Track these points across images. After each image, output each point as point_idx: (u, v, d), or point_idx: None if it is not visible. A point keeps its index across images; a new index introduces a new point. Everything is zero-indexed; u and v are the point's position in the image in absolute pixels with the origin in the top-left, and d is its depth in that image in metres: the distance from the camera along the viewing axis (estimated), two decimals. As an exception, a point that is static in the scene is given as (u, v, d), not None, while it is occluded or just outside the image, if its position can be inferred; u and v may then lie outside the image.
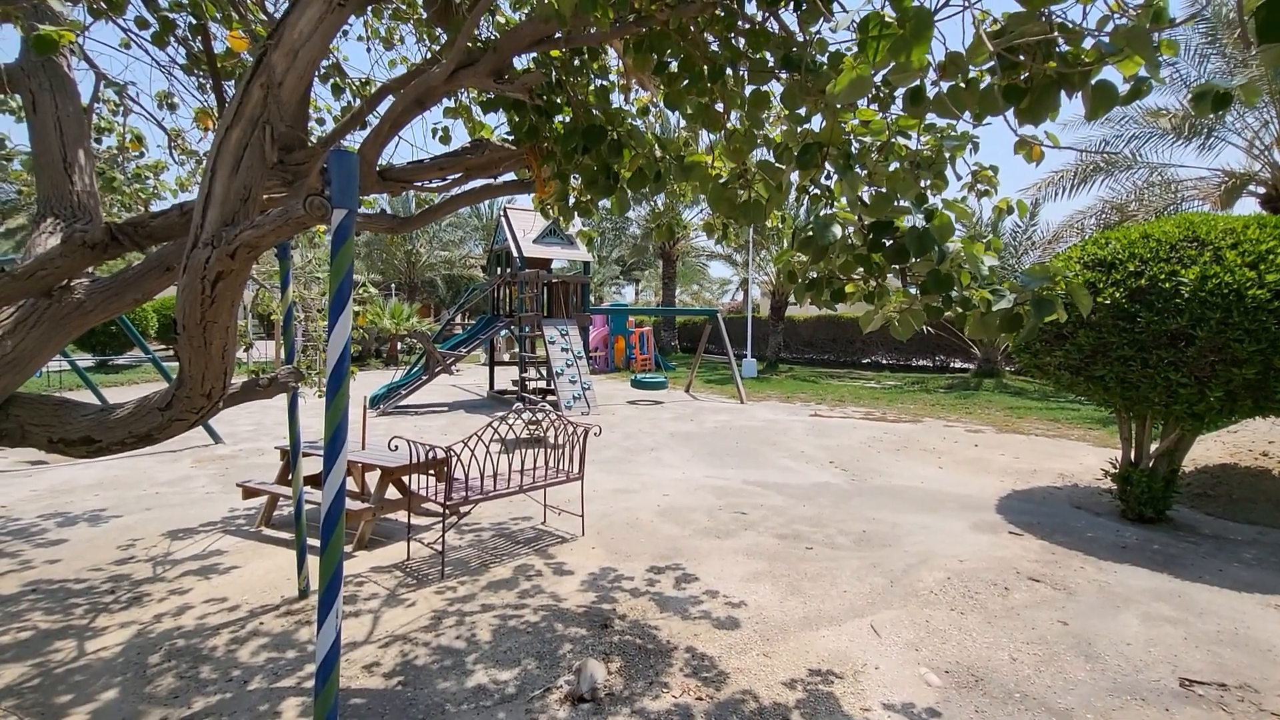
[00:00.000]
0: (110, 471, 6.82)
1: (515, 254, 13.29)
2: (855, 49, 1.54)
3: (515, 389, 13.57)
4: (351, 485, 5.45)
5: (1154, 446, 5.24)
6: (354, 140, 3.42)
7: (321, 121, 4.12)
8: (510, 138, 2.90)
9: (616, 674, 2.91)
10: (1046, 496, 6.03)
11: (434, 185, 2.77)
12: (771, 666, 3.01)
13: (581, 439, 4.84)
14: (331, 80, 3.67)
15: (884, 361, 21.40)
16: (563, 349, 12.16)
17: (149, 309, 20.11)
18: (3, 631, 3.30)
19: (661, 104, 2.48)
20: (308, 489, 4.59)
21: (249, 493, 5.05)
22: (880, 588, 3.90)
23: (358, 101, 3.81)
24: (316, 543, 4.28)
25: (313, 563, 3.86)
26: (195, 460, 7.44)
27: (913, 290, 2.45)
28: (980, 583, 3.98)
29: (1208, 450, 6.35)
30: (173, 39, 3.57)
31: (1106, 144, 12.34)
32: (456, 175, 2.68)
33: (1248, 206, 12.14)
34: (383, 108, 2.57)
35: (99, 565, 4.21)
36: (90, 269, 2.32)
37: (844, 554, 4.48)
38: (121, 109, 4.45)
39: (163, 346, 21.39)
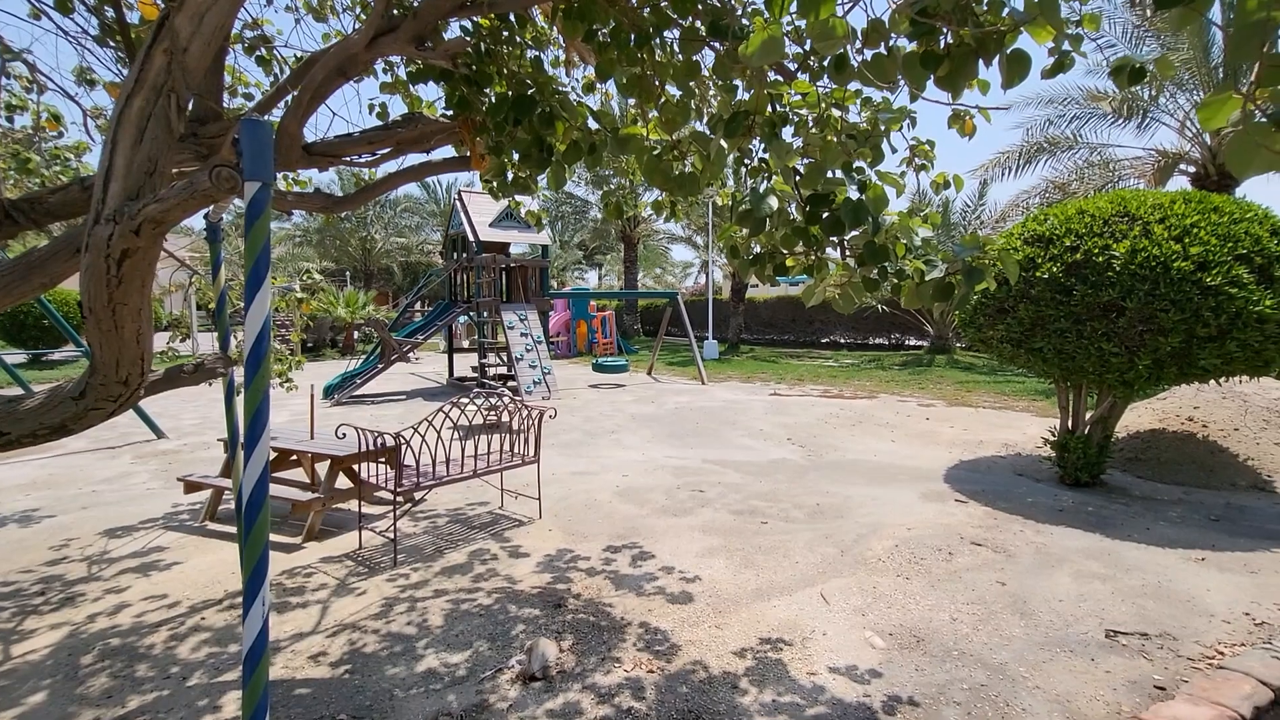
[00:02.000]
0: (44, 470, 6.49)
1: (472, 238, 13.03)
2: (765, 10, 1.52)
3: (475, 375, 13.38)
4: (301, 476, 5.31)
5: (1089, 414, 5.48)
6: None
7: (250, 98, 3.92)
8: (449, 112, 2.81)
9: (569, 651, 2.92)
10: (991, 465, 6.26)
11: (364, 160, 2.68)
12: (723, 637, 3.06)
13: (537, 422, 4.81)
14: (258, 52, 3.49)
15: (842, 340, 21.84)
16: (522, 334, 12.02)
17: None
18: (-81, 640, 3.12)
19: (597, 78, 2.43)
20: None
21: (191, 487, 4.87)
22: (831, 558, 4.00)
23: (286, 76, 3.64)
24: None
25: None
26: (135, 456, 7.14)
27: (851, 263, 2.48)
28: (926, 549, 4.11)
29: (1139, 417, 6.67)
30: (82, 7, 3.35)
31: (1050, 124, 12.72)
32: (387, 150, 2.59)
33: (1180, 185, 12.70)
34: (306, 79, 2.45)
35: (28, 567, 4.01)
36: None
37: (798, 527, 4.57)
38: (35, 86, 4.17)
39: (101, 340, 20.32)
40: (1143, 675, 2.73)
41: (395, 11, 2.12)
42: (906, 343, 20.12)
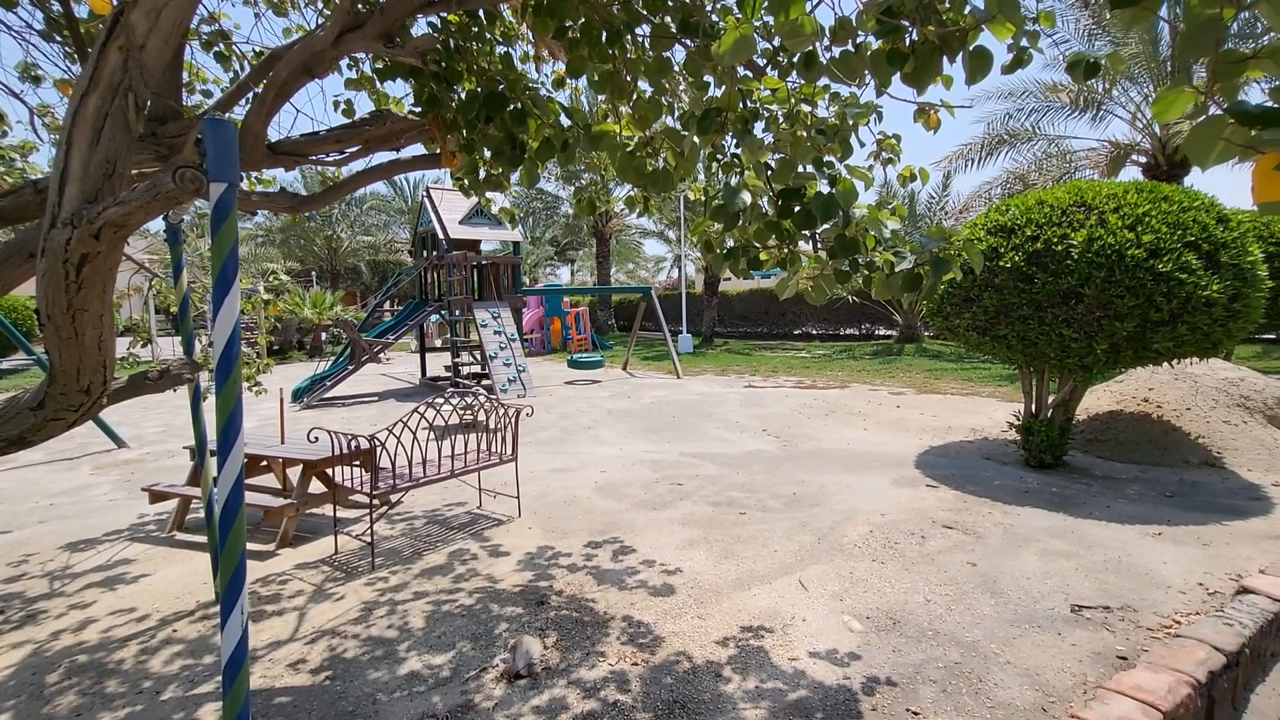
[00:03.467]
0: (-5, 485, 6.23)
1: (441, 236, 12.85)
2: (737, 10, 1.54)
3: (449, 375, 13.23)
4: (273, 481, 5.20)
5: (1051, 399, 5.66)
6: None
7: (209, 94, 3.81)
8: (418, 110, 2.77)
9: (553, 648, 2.93)
10: (960, 450, 6.43)
11: (332, 159, 2.62)
12: (705, 627, 3.10)
13: (514, 420, 4.78)
14: (216, 48, 3.39)
15: (814, 332, 22.13)
16: (495, 332, 11.91)
17: (32, 307, 18.31)
18: None
19: (567, 75, 2.43)
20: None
21: (157, 496, 4.73)
22: (808, 545, 4.08)
23: (248, 73, 3.54)
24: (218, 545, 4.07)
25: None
26: (95, 467, 6.89)
27: (823, 255, 2.53)
28: (900, 533, 4.22)
29: (1098, 400, 6.92)
30: (26, 0, 3.22)
31: (1010, 117, 13.05)
32: (355, 148, 2.55)
33: (1132, 174, 13.16)
34: (271, 76, 2.39)
35: (-16, 585, 3.86)
36: (-66, 257, 2.08)
37: (775, 516, 4.64)
38: (-25, 82, 3.98)
39: (54, 348, 19.55)
40: (1106, 646, 2.84)
41: (361, 7, 2.09)
42: (876, 332, 20.49)
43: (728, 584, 3.56)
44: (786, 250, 2.59)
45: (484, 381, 12.02)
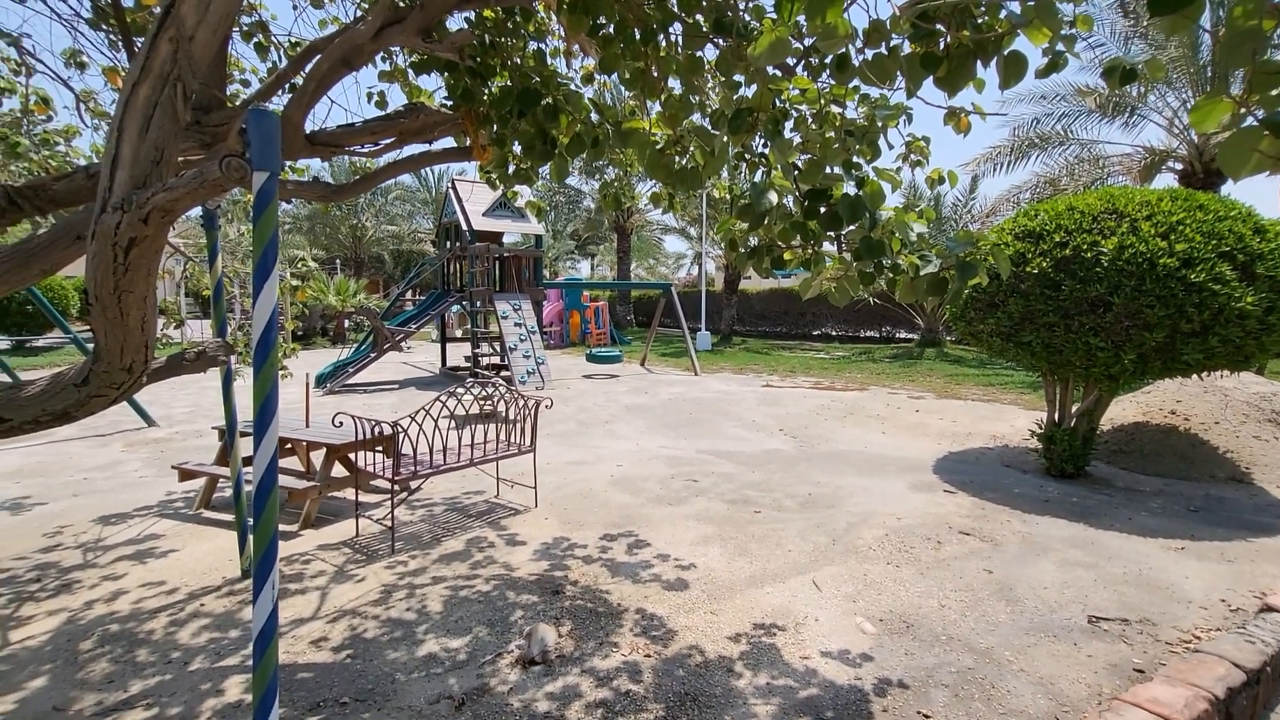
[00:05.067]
0: (32, 458, 6.44)
1: (465, 227, 12.98)
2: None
3: (468, 365, 13.37)
4: (297, 464, 5.32)
5: (1075, 408, 5.58)
6: (282, 104, 3.27)
7: (247, 84, 3.90)
8: (449, 102, 2.82)
9: (567, 636, 2.97)
10: (980, 457, 6.37)
11: (366, 150, 2.68)
12: (718, 623, 3.13)
13: (533, 411, 4.84)
14: (256, 39, 3.47)
15: (833, 333, 21.97)
16: (516, 324, 12.01)
17: (69, 287, 18.84)
18: (-84, 625, 3.13)
19: (599, 71, 2.45)
20: (247, 470, 4.45)
21: (186, 475, 4.87)
22: (823, 546, 4.08)
23: (286, 64, 3.62)
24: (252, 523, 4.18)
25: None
26: (126, 444, 7.10)
27: (847, 257, 2.53)
28: (915, 538, 4.20)
29: (1124, 410, 6.80)
30: (75, -10, 3.32)
31: (1039, 121, 12.81)
32: (390, 140, 2.60)
33: (1167, 182, 12.84)
34: (310, 68, 2.45)
35: (23, 554, 4.01)
36: (-11, 237, 2.17)
37: (790, 516, 4.65)
38: (23, 68, 4.11)
39: (85, 327, 20.12)
40: (1123, 659, 2.82)
41: (401, 3, 2.13)
42: (897, 336, 20.28)
43: (741, 581, 3.58)
44: (811, 250, 2.59)
45: (503, 373, 12.13)
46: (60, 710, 2.48)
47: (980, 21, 1.64)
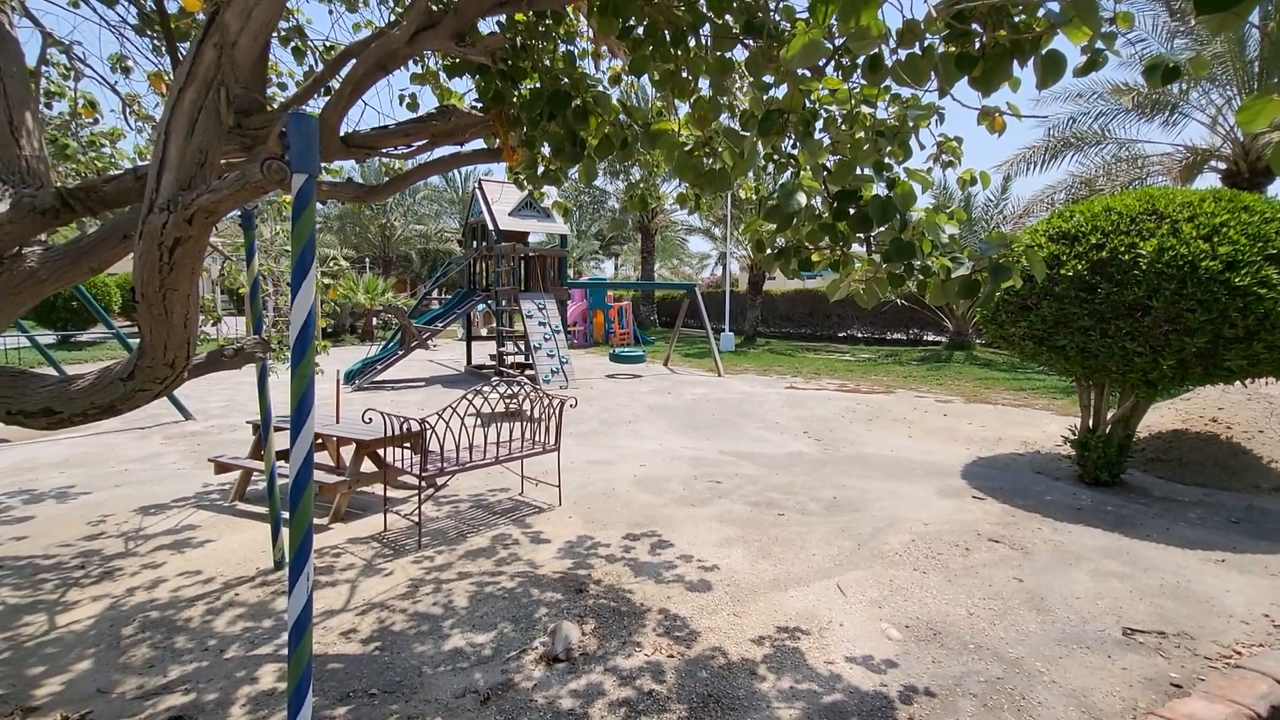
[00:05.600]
0: (76, 449, 6.69)
1: (491, 227, 13.12)
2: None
3: (493, 364, 13.51)
4: (327, 459, 5.44)
5: (1111, 414, 5.44)
6: (317, 106, 3.34)
7: (284, 87, 4.00)
8: (479, 104, 2.86)
9: (591, 635, 2.99)
10: (1010, 463, 6.24)
11: (399, 152, 2.73)
12: (741, 625, 3.12)
13: (557, 410, 4.88)
14: (293, 43, 3.56)
15: (859, 335, 21.70)
16: (540, 323, 12.11)
17: (111, 284, 19.51)
18: (-30, 607, 3.27)
19: (629, 73, 2.47)
20: (280, 463, 4.56)
21: (221, 468, 5.01)
22: (848, 550, 4.04)
23: (321, 67, 3.71)
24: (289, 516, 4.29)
25: (288, 536, 3.86)
26: (165, 437, 7.33)
27: (876, 258, 2.50)
28: (943, 544, 4.13)
29: (1161, 417, 6.60)
30: (123, -2, 3.44)
31: (1074, 120, 12.50)
32: (422, 142, 2.64)
33: (1209, 182, 12.42)
34: (346, 72, 2.51)
35: (68, 541, 4.16)
36: (43, 236, 2.26)
37: (814, 519, 4.61)
38: (72, 73, 4.27)
39: (127, 322, 20.80)
40: (1159, 673, 2.74)
41: (435, 7, 2.17)
42: (925, 338, 19.95)
43: (764, 584, 3.57)
44: (839, 252, 2.57)
45: (527, 371, 12.23)
46: (104, 693, 2.57)
47: (1017, 20, 1.61)
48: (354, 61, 2.40)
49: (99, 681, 2.65)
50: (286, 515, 4.28)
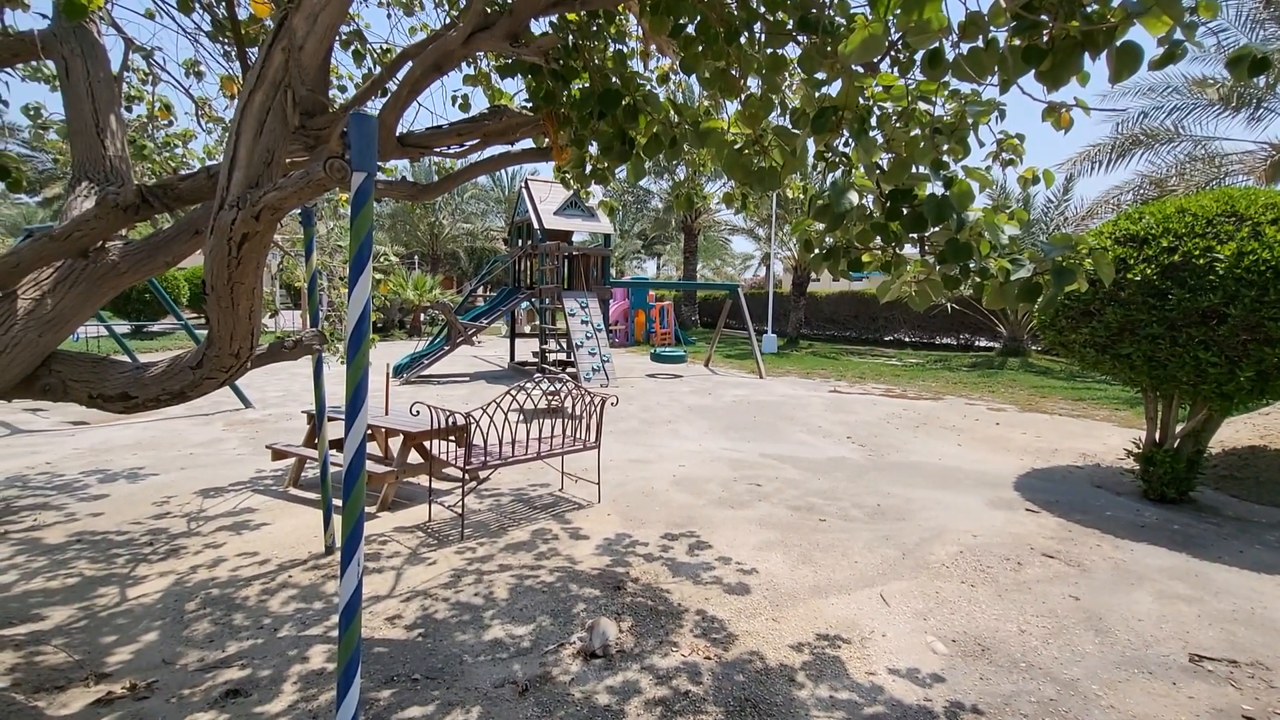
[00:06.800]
0: (147, 433, 7.09)
1: (536, 226, 13.30)
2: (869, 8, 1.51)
3: (536, 361, 13.69)
4: (376, 450, 5.61)
5: (1180, 427, 5.14)
6: (375, 107, 3.45)
7: (343, 89, 4.15)
8: (529, 104, 2.90)
9: (628, 632, 3.00)
10: (1067, 475, 5.97)
11: (452, 151, 2.80)
12: (780, 630, 3.08)
13: (599, 408, 4.91)
14: (353, 47, 3.68)
15: (907, 339, 21.12)
16: (583, 321, 12.21)
17: (180, 278, 20.61)
18: (51, 577, 3.50)
19: (680, 71, 2.46)
20: (333, 452, 4.74)
21: (278, 454, 5.23)
22: (892, 559, 3.94)
23: (378, 69, 3.83)
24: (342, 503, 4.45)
25: (338, 522, 4.00)
26: (226, 424, 7.69)
27: (930, 260, 2.43)
28: (993, 557, 3.99)
29: (1236, 432, 6.21)
30: (197, 5, 3.61)
31: (1145, 115, 11.86)
32: (474, 141, 2.70)
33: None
34: (402, 74, 2.58)
35: (138, 519, 4.41)
36: (123, 231, 2.40)
37: (857, 526, 4.51)
38: (150, 77, 4.53)
39: (195, 314, 21.96)
40: (1230, 704, 2.58)
41: (490, 9, 2.21)
42: (976, 344, 19.28)
43: (805, 590, 3.51)
44: (891, 253, 2.50)
45: (569, 369, 12.35)
46: (169, 664, 2.72)
47: (1090, 11, 1.54)
48: (411, 64, 2.46)
49: (164, 653, 2.80)
50: (337, 502, 4.43)
